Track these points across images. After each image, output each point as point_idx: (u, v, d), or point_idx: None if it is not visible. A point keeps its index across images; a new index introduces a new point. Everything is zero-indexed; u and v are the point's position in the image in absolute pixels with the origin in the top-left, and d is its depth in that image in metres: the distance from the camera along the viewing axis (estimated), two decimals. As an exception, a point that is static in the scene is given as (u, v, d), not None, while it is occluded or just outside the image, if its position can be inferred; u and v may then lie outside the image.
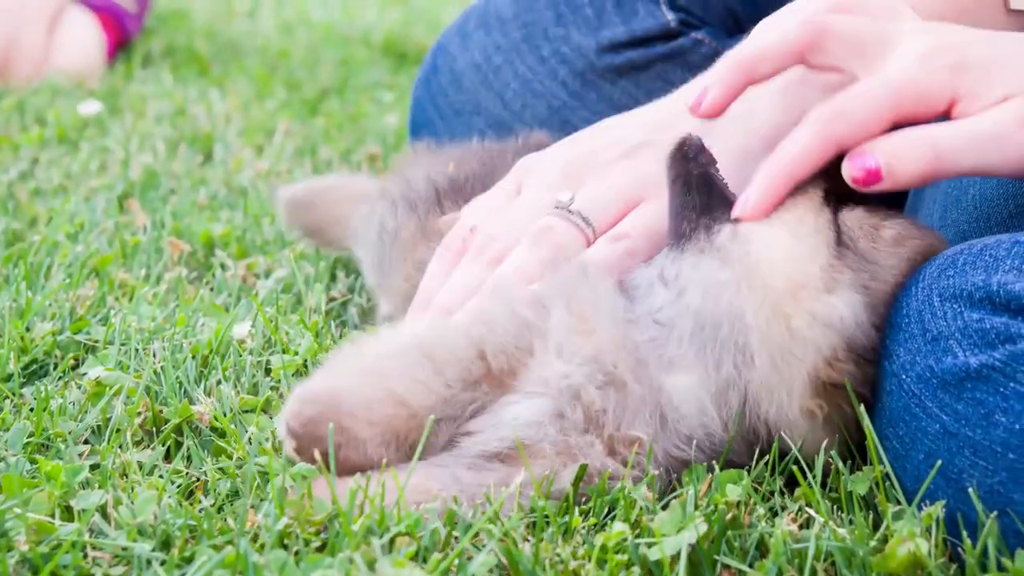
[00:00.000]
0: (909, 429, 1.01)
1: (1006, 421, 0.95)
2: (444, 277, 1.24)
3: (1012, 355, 0.96)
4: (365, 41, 3.46)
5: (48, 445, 1.14)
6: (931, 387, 1.00)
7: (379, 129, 2.42)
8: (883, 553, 0.93)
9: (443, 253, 1.27)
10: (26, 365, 1.31)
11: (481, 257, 1.22)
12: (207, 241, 1.72)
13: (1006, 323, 0.98)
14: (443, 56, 1.71)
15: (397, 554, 0.93)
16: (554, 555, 0.95)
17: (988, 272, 1.01)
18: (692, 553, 0.95)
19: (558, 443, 1.04)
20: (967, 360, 0.98)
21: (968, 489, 0.96)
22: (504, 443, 1.04)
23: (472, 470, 1.04)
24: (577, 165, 1.24)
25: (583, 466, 1.02)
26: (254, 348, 1.34)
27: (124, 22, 3.03)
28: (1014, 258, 1.02)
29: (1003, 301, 0.99)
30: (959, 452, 0.97)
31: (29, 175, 2.04)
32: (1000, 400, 0.96)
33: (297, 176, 2.06)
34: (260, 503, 1.02)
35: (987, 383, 0.97)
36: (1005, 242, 1.04)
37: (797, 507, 1.03)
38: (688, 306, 1.06)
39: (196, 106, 2.55)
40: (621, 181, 1.22)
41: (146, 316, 1.42)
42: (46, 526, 0.97)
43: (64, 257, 1.61)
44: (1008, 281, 1.00)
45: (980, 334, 0.99)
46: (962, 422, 0.97)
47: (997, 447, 0.95)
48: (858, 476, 1.04)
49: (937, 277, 1.04)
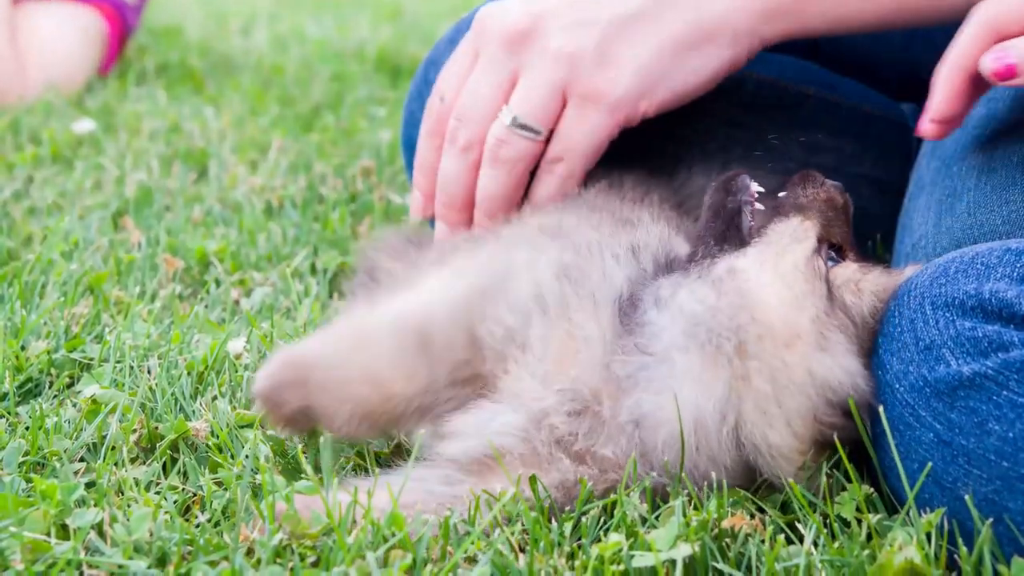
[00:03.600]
0: (903, 439, 1.01)
1: (1000, 429, 0.95)
2: (433, 171, 1.36)
3: (1005, 363, 0.96)
4: (359, 56, 3.47)
5: (43, 463, 1.14)
6: (924, 396, 1.00)
7: (373, 144, 2.42)
8: (879, 563, 0.93)
9: (424, 138, 1.38)
10: (21, 384, 1.31)
11: (454, 147, 1.33)
12: (202, 257, 1.73)
13: (999, 331, 0.98)
14: (435, 70, 1.70)
15: (392, 568, 0.93)
16: (548, 566, 0.95)
17: (980, 280, 1.02)
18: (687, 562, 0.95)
19: (526, 455, 1.04)
20: (960, 369, 0.98)
21: (964, 497, 0.96)
22: (476, 452, 1.05)
23: (445, 484, 1.04)
24: (521, 36, 1.30)
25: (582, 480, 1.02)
26: (249, 363, 1.35)
27: (125, 14, 3.01)
28: (1005, 265, 1.02)
29: (995, 309, 0.99)
30: (953, 461, 0.97)
31: (23, 194, 2.05)
32: (993, 408, 0.96)
33: (292, 192, 2.06)
34: (256, 518, 1.02)
35: (980, 391, 0.97)
36: (996, 250, 1.04)
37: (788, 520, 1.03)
38: (676, 327, 1.05)
39: (190, 123, 2.55)
40: (553, 75, 1.28)
41: (141, 333, 1.42)
42: (42, 545, 0.96)
43: (59, 275, 1.61)
44: (1000, 289, 1.00)
45: (973, 342, 0.99)
46: (956, 431, 0.98)
47: (991, 455, 0.95)
48: (844, 496, 1.03)
49: (929, 286, 1.05)
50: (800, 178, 1.15)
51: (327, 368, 1.06)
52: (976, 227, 1.21)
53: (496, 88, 1.31)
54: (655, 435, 1.03)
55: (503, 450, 1.04)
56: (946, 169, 1.31)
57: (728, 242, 1.09)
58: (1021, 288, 0.99)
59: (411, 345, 1.08)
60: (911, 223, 1.34)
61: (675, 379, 1.03)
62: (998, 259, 1.03)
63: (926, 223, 1.29)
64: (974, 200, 1.22)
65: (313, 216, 1.96)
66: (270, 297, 1.60)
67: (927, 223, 1.29)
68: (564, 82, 1.28)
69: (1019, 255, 1.03)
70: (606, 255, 1.12)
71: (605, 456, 1.04)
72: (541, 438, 1.04)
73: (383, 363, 1.07)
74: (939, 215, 1.27)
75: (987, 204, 1.20)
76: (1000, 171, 1.21)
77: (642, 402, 1.04)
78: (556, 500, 1.03)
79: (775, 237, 1.09)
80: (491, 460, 1.03)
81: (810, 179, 1.15)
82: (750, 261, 1.07)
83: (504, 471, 1.02)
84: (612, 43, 1.28)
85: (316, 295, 1.60)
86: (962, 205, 1.23)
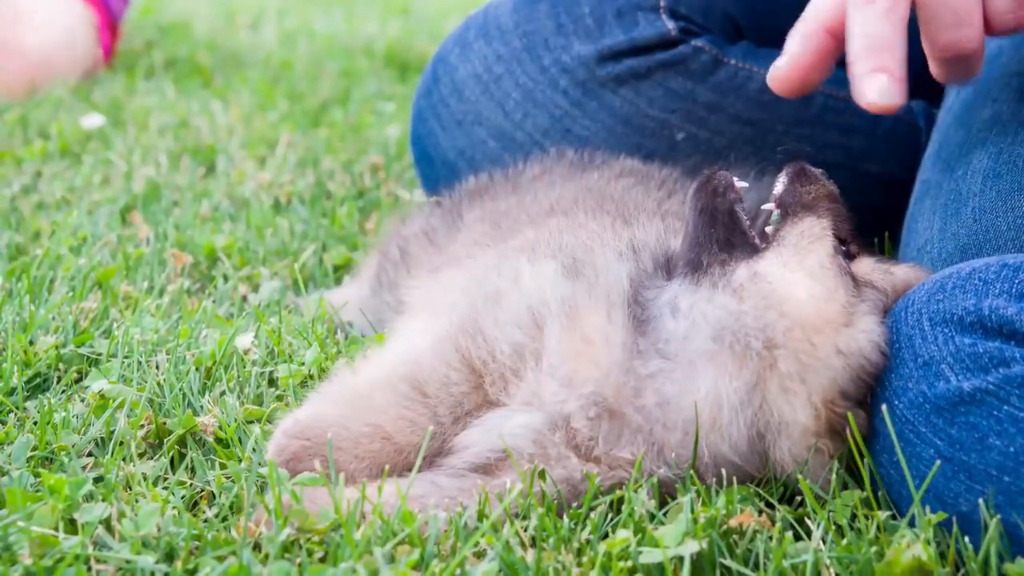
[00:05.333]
0: (904, 455, 1.01)
1: (1000, 444, 0.95)
2: None
3: (1006, 379, 0.96)
4: (367, 52, 3.47)
5: (52, 458, 1.14)
6: (924, 412, 1.00)
7: (381, 140, 2.42)
8: (886, 560, 0.93)
9: None
10: (30, 379, 1.31)
11: None
12: (210, 253, 1.73)
13: (999, 347, 0.97)
14: (443, 67, 1.71)
15: (399, 563, 0.93)
16: (556, 563, 0.95)
17: (979, 296, 1.01)
18: (695, 558, 0.95)
19: (535, 454, 1.05)
20: (960, 384, 0.98)
21: (964, 512, 0.96)
22: (485, 452, 1.06)
23: (453, 477, 1.05)
24: None
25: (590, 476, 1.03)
26: (257, 359, 1.35)
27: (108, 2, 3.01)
28: (1003, 281, 1.01)
29: (995, 326, 0.99)
30: (954, 477, 0.97)
31: (32, 189, 2.05)
32: (994, 424, 0.96)
33: (300, 187, 2.06)
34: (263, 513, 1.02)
35: (981, 407, 0.97)
36: (993, 265, 1.03)
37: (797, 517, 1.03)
38: (700, 335, 1.05)
39: (199, 118, 2.56)
40: None
41: (149, 328, 1.42)
42: (49, 539, 0.97)
43: (67, 270, 1.61)
44: (999, 306, 0.99)
45: (973, 358, 0.98)
46: (956, 447, 0.97)
47: (992, 471, 0.95)
48: (837, 504, 1.03)
49: (927, 302, 1.04)
50: (796, 174, 1.14)
51: (337, 429, 1.07)
52: (982, 232, 1.20)
53: None
54: (676, 420, 1.04)
55: (514, 450, 1.04)
56: (950, 172, 1.30)
57: (736, 248, 1.09)
58: (1020, 305, 0.99)
59: (405, 396, 1.09)
60: (916, 227, 1.34)
61: (699, 375, 1.04)
62: (995, 275, 1.02)
63: (931, 227, 1.29)
64: (979, 205, 1.22)
65: (321, 212, 1.96)
66: (278, 292, 1.60)
67: (932, 227, 1.29)
68: None
69: (1016, 271, 1.02)
70: (609, 253, 1.12)
71: (621, 457, 1.04)
72: (554, 439, 1.05)
73: (385, 419, 1.08)
74: (944, 220, 1.26)
75: (992, 209, 1.20)
76: (1006, 176, 1.21)
77: (665, 392, 1.04)
78: (563, 495, 1.03)
79: (793, 239, 1.09)
80: (498, 459, 1.04)
81: (806, 175, 1.14)
82: (772, 264, 1.07)
83: (515, 464, 1.02)
84: None
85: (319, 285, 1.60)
86: (967, 210, 1.23)
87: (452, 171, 1.66)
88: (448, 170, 1.67)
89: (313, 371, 1.30)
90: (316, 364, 1.31)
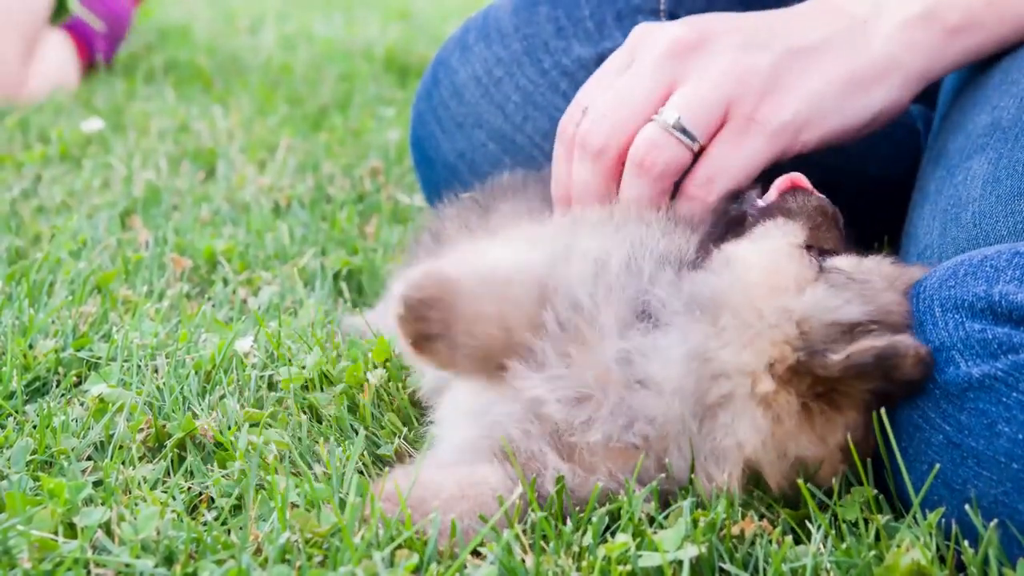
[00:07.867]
0: (912, 441, 1.01)
1: (1009, 431, 0.95)
2: (567, 175, 1.29)
3: (1015, 365, 0.96)
4: (367, 56, 3.47)
5: (51, 462, 1.14)
6: (933, 398, 1.00)
7: (381, 144, 2.43)
8: (885, 564, 0.93)
9: (558, 147, 1.30)
10: (29, 382, 1.32)
11: (585, 152, 1.26)
12: (210, 257, 1.73)
13: (1008, 333, 0.98)
14: (444, 69, 1.71)
15: (398, 567, 0.93)
16: (556, 567, 0.95)
17: (989, 283, 1.01)
18: (694, 562, 0.95)
19: (522, 450, 1.04)
20: (969, 370, 0.98)
21: (972, 498, 0.96)
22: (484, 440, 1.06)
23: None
24: (688, 47, 1.25)
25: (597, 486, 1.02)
26: (257, 362, 1.35)
27: (92, 43, 3.04)
28: (1015, 268, 1.02)
29: (1005, 312, 0.99)
30: (963, 463, 0.97)
31: (32, 193, 2.05)
32: (1003, 410, 0.96)
33: (300, 191, 2.06)
34: (262, 518, 1.03)
35: (990, 393, 0.97)
36: (1005, 252, 1.04)
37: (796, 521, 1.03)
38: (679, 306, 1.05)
39: (199, 122, 2.56)
40: (720, 89, 1.23)
41: (149, 332, 1.42)
42: (49, 543, 0.97)
43: (67, 274, 1.61)
44: (1010, 292, 1.00)
45: (982, 344, 0.98)
46: (965, 433, 0.97)
47: (1001, 457, 0.95)
48: (847, 500, 1.03)
49: (938, 288, 1.04)
50: (789, 187, 1.17)
51: (469, 298, 1.05)
52: (982, 237, 1.20)
53: (650, 92, 1.24)
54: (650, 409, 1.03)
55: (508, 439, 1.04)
56: (950, 177, 1.30)
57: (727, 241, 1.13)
58: None
59: (537, 300, 1.07)
60: (916, 232, 1.34)
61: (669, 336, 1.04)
62: (1007, 262, 1.02)
63: (931, 232, 1.29)
64: (979, 210, 1.22)
65: (321, 216, 1.96)
66: (277, 296, 1.60)
67: (932, 232, 1.29)
68: (729, 99, 1.23)
69: None
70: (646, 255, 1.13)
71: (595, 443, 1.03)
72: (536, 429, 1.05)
73: (518, 313, 1.06)
74: (944, 224, 1.27)
75: (993, 214, 1.20)
76: (1005, 181, 1.21)
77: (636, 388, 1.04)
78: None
79: (761, 230, 1.13)
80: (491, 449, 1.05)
81: (800, 190, 1.17)
82: (736, 246, 1.11)
83: (514, 465, 1.02)
84: (783, 70, 1.25)
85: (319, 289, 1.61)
86: (967, 215, 1.23)
87: (452, 174, 1.66)
88: (448, 173, 1.67)
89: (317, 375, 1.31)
90: (317, 368, 1.31)
